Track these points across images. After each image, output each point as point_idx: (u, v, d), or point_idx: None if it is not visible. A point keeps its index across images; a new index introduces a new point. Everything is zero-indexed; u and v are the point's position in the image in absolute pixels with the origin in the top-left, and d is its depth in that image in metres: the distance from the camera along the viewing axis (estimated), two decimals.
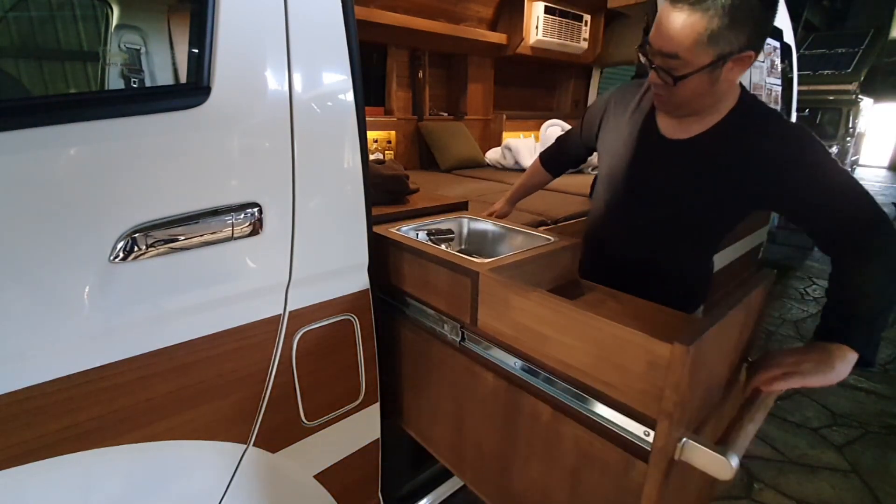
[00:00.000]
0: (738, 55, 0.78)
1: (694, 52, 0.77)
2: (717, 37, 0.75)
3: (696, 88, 0.82)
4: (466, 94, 3.15)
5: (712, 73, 0.79)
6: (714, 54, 0.77)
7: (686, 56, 0.77)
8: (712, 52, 0.76)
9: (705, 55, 0.77)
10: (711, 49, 0.76)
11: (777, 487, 1.71)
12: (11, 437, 0.60)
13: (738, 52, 0.77)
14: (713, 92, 0.84)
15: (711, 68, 0.78)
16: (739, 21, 0.74)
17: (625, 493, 0.68)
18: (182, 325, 0.72)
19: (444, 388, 0.99)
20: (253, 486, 0.86)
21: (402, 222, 1.17)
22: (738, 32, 0.75)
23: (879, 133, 12.42)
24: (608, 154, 1.10)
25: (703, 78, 0.80)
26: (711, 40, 0.75)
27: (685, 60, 0.78)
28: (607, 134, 1.11)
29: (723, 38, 0.75)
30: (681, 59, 0.78)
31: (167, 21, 1.28)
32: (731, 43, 0.76)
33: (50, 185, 0.58)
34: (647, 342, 0.60)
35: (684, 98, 0.85)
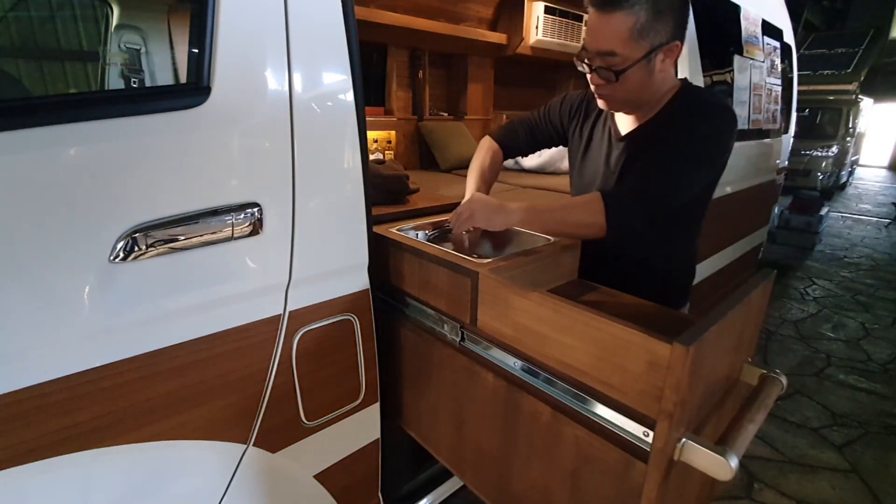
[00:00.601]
0: (667, 45, 0.87)
1: (628, 46, 0.85)
2: (646, 29, 0.84)
3: (637, 81, 0.90)
4: (466, 94, 3.14)
5: (648, 65, 0.88)
6: (646, 46, 0.86)
7: (622, 51, 0.86)
8: (644, 45, 0.86)
9: (638, 48, 0.86)
10: (643, 42, 0.85)
11: (777, 487, 1.70)
12: (11, 437, 0.60)
13: (667, 43, 0.87)
14: (651, 83, 0.92)
15: (646, 60, 0.87)
16: (663, 13, 0.84)
17: (624, 494, 0.68)
18: (182, 325, 0.72)
19: (444, 389, 0.99)
20: (253, 486, 0.86)
21: (402, 222, 1.17)
22: (663, 24, 0.85)
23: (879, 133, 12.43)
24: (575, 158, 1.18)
25: (640, 70, 0.88)
26: (641, 34, 0.84)
27: (622, 56, 0.86)
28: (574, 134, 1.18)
29: (651, 30, 0.84)
30: (618, 56, 0.86)
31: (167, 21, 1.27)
32: (658, 34, 0.85)
33: (50, 185, 0.58)
34: (647, 342, 0.60)
35: (627, 92, 0.92)
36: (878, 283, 3.90)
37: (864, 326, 3.07)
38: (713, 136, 0.91)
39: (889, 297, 3.61)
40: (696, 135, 0.90)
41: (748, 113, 2.13)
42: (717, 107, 0.93)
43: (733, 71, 1.98)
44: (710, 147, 0.91)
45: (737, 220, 2.39)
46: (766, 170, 2.56)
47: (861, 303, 3.47)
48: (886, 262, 4.51)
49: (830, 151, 7.37)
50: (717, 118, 0.91)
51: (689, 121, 0.91)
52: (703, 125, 0.90)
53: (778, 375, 0.78)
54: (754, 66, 2.14)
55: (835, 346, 2.79)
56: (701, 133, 0.90)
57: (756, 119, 2.22)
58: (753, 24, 2.15)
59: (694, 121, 0.91)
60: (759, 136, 2.32)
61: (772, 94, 2.40)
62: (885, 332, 2.99)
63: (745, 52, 2.05)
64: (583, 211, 0.93)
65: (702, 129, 0.90)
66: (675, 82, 0.98)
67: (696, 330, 0.57)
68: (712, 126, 0.90)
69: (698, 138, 0.89)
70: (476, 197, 1.00)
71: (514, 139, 1.29)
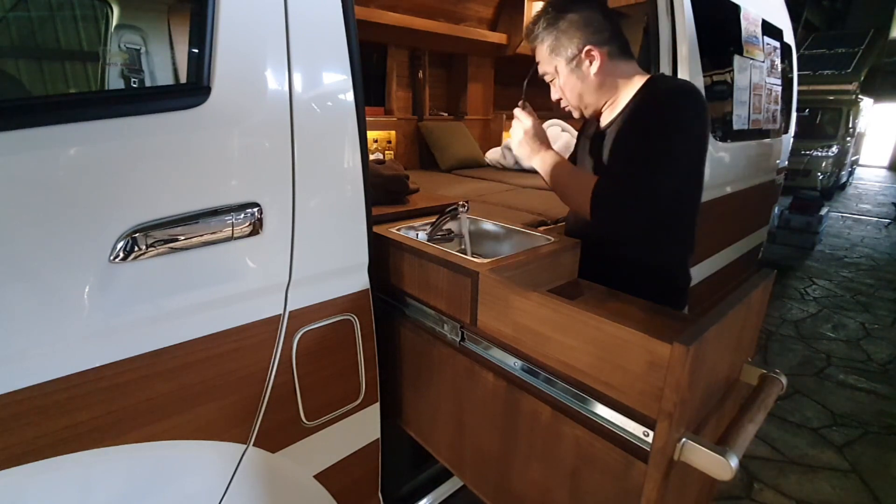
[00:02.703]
0: (581, 52, 1.01)
1: (551, 63, 1.05)
2: (556, 48, 1.03)
3: (574, 87, 1.06)
4: (466, 94, 3.14)
5: (578, 72, 1.04)
6: (564, 59, 1.03)
7: (549, 69, 1.07)
8: (561, 59, 1.04)
9: (559, 62, 1.04)
10: (559, 57, 1.04)
11: (777, 487, 1.70)
12: (11, 437, 0.60)
13: (580, 51, 1.01)
14: (591, 84, 1.04)
15: (571, 69, 1.04)
16: (562, 32, 1.01)
17: (625, 494, 0.68)
18: (182, 325, 0.72)
19: (443, 388, 0.99)
20: (253, 486, 0.86)
21: (402, 222, 1.17)
22: (567, 39, 1.01)
23: (879, 133, 12.43)
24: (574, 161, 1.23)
25: (571, 78, 1.05)
26: (554, 52, 1.04)
27: (551, 72, 1.07)
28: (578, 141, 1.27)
29: (559, 47, 1.03)
30: (549, 73, 1.08)
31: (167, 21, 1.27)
32: (567, 48, 1.02)
33: (50, 185, 0.58)
34: (647, 342, 0.60)
35: (574, 97, 1.08)
36: (878, 283, 3.90)
37: (864, 326, 3.07)
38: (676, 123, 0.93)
39: (889, 297, 3.61)
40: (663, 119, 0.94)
41: (748, 113, 2.13)
42: (681, 90, 0.98)
43: (733, 71, 1.98)
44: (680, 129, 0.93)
45: (737, 220, 2.39)
46: (766, 170, 2.56)
47: (861, 303, 3.47)
48: (886, 262, 4.51)
49: (830, 151, 7.37)
50: (681, 100, 0.95)
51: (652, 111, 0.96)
52: (667, 109, 0.95)
53: (778, 375, 0.78)
54: (754, 66, 2.14)
55: (835, 346, 2.79)
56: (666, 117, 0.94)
57: (756, 119, 2.21)
58: (753, 24, 2.14)
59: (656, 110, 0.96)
60: (759, 136, 2.32)
61: (772, 94, 2.40)
62: (885, 332, 2.99)
63: (745, 52, 2.05)
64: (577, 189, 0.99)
65: (666, 113, 0.94)
66: (634, 71, 1.05)
67: (696, 330, 0.57)
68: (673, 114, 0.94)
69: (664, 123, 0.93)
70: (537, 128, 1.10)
71: None
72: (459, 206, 1.13)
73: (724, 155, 1.98)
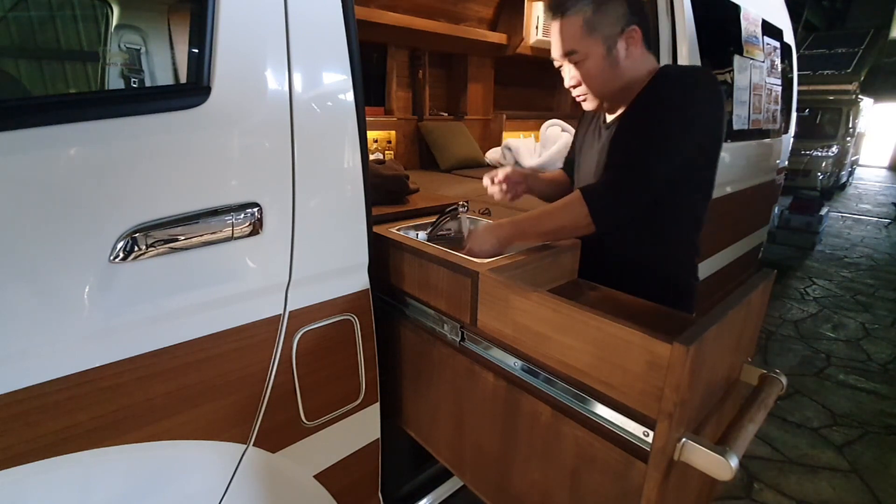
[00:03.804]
0: (623, 33, 0.91)
1: (584, 41, 0.91)
2: (595, 22, 0.90)
3: (603, 73, 0.94)
4: (466, 94, 3.14)
5: (610, 55, 0.92)
6: (601, 38, 0.91)
7: (580, 47, 0.92)
8: (599, 37, 0.91)
9: (595, 41, 0.91)
10: (597, 34, 0.90)
11: (777, 487, 1.70)
12: (11, 437, 0.60)
13: (622, 30, 0.91)
14: (620, 72, 0.94)
15: (606, 51, 0.92)
16: (607, 5, 0.89)
17: (625, 494, 0.68)
18: (182, 325, 0.72)
19: (443, 388, 0.99)
20: (253, 486, 0.86)
21: (402, 222, 1.17)
22: (610, 14, 0.90)
23: (879, 133, 12.42)
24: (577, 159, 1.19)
25: (603, 62, 0.93)
26: (592, 27, 0.90)
27: (582, 51, 0.92)
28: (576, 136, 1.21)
29: (600, 22, 0.90)
30: (578, 52, 0.93)
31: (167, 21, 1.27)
32: (609, 24, 0.90)
33: (50, 185, 0.58)
34: (647, 342, 0.60)
35: (599, 86, 0.96)
36: (878, 283, 3.90)
37: (864, 326, 3.07)
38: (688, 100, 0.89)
39: (889, 297, 3.61)
40: (667, 104, 0.89)
41: (748, 113, 2.13)
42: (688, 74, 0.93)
43: (733, 71, 1.98)
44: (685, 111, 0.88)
45: (737, 220, 2.39)
46: (766, 170, 2.56)
47: (861, 303, 3.47)
48: (886, 262, 4.51)
49: (830, 151, 7.36)
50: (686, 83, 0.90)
51: (661, 93, 0.91)
52: (673, 93, 0.90)
53: (778, 375, 0.78)
54: (754, 66, 2.14)
55: (835, 346, 2.79)
56: (672, 101, 0.89)
57: (756, 119, 2.21)
58: (753, 24, 2.14)
59: (665, 92, 0.90)
60: (759, 136, 2.32)
61: (772, 94, 2.40)
62: (885, 332, 2.99)
63: (745, 52, 2.05)
64: (566, 213, 0.93)
65: (673, 97, 0.89)
66: (652, 66, 0.98)
67: (696, 330, 0.57)
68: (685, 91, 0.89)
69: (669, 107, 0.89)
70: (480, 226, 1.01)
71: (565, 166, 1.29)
72: (459, 206, 1.13)
73: (725, 155, 1.98)
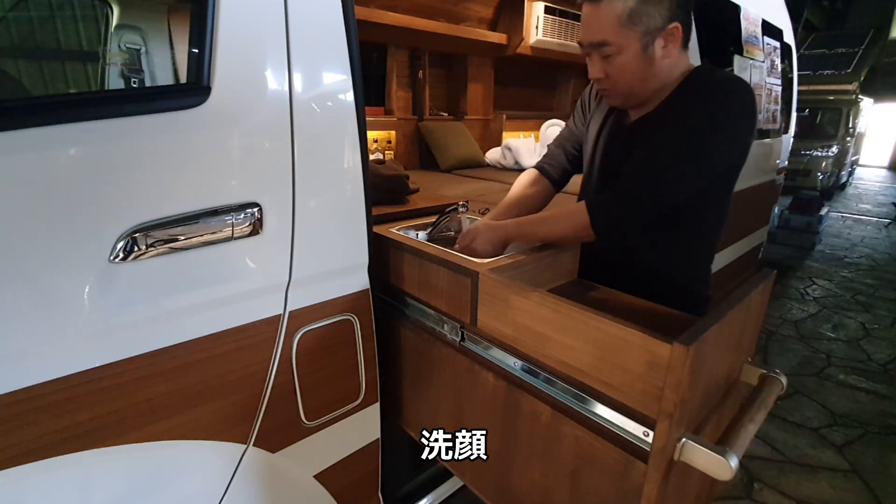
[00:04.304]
0: (664, 30, 0.81)
1: (620, 33, 0.80)
2: (637, 14, 0.79)
3: (636, 70, 0.84)
4: (466, 94, 3.14)
5: (645, 53, 0.82)
6: (640, 33, 0.80)
7: (614, 40, 0.81)
8: (637, 32, 0.80)
9: (632, 35, 0.81)
10: (635, 28, 0.80)
11: (777, 487, 1.70)
12: (11, 437, 0.60)
13: (664, 27, 0.81)
14: (654, 74, 0.86)
15: (643, 47, 0.82)
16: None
17: (625, 494, 0.68)
18: (182, 325, 0.72)
19: (443, 389, 0.99)
20: (253, 486, 0.86)
21: (402, 222, 1.17)
22: (655, 6, 0.79)
23: (879, 133, 12.42)
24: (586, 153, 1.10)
25: (637, 59, 0.83)
26: (632, 19, 0.79)
27: (616, 45, 0.82)
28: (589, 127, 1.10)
29: (643, 14, 0.79)
30: (611, 45, 0.82)
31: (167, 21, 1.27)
32: (652, 18, 0.80)
33: (50, 185, 0.58)
34: (647, 342, 0.60)
35: (627, 84, 0.87)
36: (878, 283, 3.90)
37: (864, 326, 3.07)
38: (717, 116, 0.80)
39: (889, 297, 3.61)
40: (696, 119, 0.81)
41: None
42: (725, 82, 0.83)
43: (733, 71, 1.98)
44: (714, 130, 0.81)
45: (737, 220, 2.39)
46: (766, 170, 2.56)
47: (861, 303, 3.47)
48: (886, 262, 4.51)
49: (830, 151, 7.37)
50: (723, 95, 0.81)
51: (691, 103, 0.83)
52: (706, 105, 0.81)
53: (778, 375, 0.78)
54: (754, 66, 2.14)
55: (835, 346, 2.79)
56: (701, 115, 0.81)
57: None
58: (753, 24, 2.14)
59: (696, 102, 0.82)
60: (759, 136, 2.32)
61: (772, 94, 2.40)
62: (885, 332, 2.99)
63: (745, 52, 2.05)
64: (567, 222, 0.91)
65: (704, 109, 0.81)
66: (687, 66, 0.89)
67: (696, 330, 0.57)
68: (716, 105, 0.81)
69: (698, 122, 0.81)
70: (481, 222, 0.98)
71: (548, 160, 1.20)
72: (459, 206, 1.13)
73: None
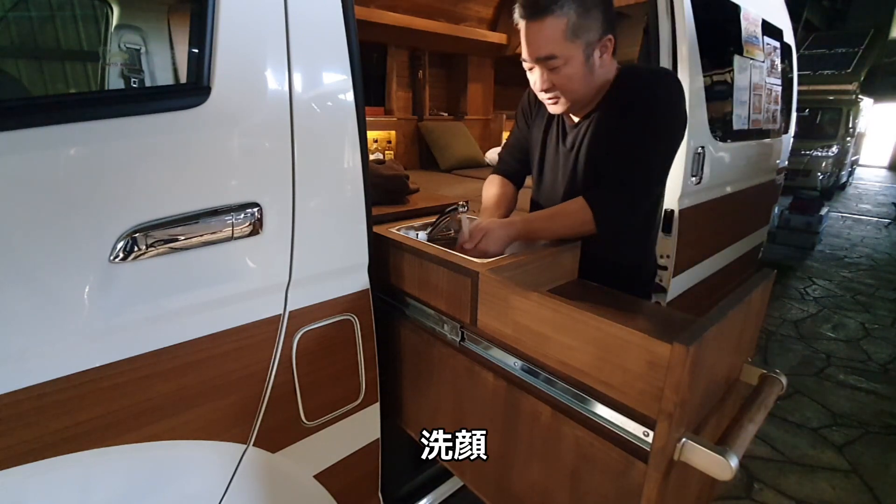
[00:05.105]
0: (601, 41, 0.91)
1: (565, 46, 0.89)
2: (578, 28, 0.88)
3: (580, 80, 0.93)
4: (466, 94, 3.14)
5: (588, 63, 0.92)
6: (582, 45, 0.90)
7: (561, 52, 0.89)
8: (580, 44, 0.89)
9: (576, 48, 0.89)
10: (578, 41, 0.89)
11: (777, 487, 1.70)
12: (11, 437, 0.60)
13: (601, 38, 0.91)
14: (594, 80, 0.96)
15: (585, 58, 0.91)
16: (591, 11, 0.88)
17: (625, 494, 0.68)
18: (182, 325, 0.72)
19: (443, 389, 0.99)
20: (253, 486, 0.86)
21: (402, 222, 1.17)
22: (592, 21, 0.89)
23: (879, 133, 12.42)
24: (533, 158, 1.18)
25: (581, 69, 0.92)
26: (575, 33, 0.88)
27: (562, 57, 0.90)
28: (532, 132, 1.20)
29: (583, 28, 0.88)
30: (558, 58, 0.90)
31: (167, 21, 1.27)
32: (591, 31, 0.89)
33: (50, 185, 0.58)
34: (647, 342, 0.60)
35: (573, 91, 0.95)
36: (878, 283, 3.90)
37: (864, 326, 3.07)
38: (662, 104, 0.92)
39: (889, 297, 3.61)
40: (647, 111, 0.92)
41: (748, 113, 2.13)
42: (655, 76, 0.97)
43: (733, 71, 1.98)
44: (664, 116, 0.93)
45: (737, 220, 2.39)
46: (766, 170, 2.56)
47: (861, 303, 3.47)
48: (886, 262, 4.51)
49: (830, 151, 7.36)
50: (659, 87, 0.93)
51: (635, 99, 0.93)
52: (648, 99, 0.92)
53: (778, 375, 0.78)
54: (754, 66, 2.14)
55: (835, 346, 2.79)
56: (650, 107, 0.92)
57: (756, 119, 2.21)
58: (753, 24, 2.14)
59: (640, 97, 0.93)
60: (759, 136, 2.32)
61: (772, 94, 2.40)
62: (885, 332, 2.99)
63: (745, 52, 2.05)
64: (571, 219, 0.96)
65: (649, 103, 0.92)
66: (615, 70, 1.00)
67: (696, 330, 0.57)
68: (658, 95, 0.92)
69: (650, 113, 0.92)
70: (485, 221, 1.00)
71: (505, 166, 1.29)
72: (459, 206, 1.13)
73: (724, 155, 1.98)
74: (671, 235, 1.68)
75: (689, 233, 1.76)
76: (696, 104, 1.69)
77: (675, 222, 1.67)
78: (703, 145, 1.75)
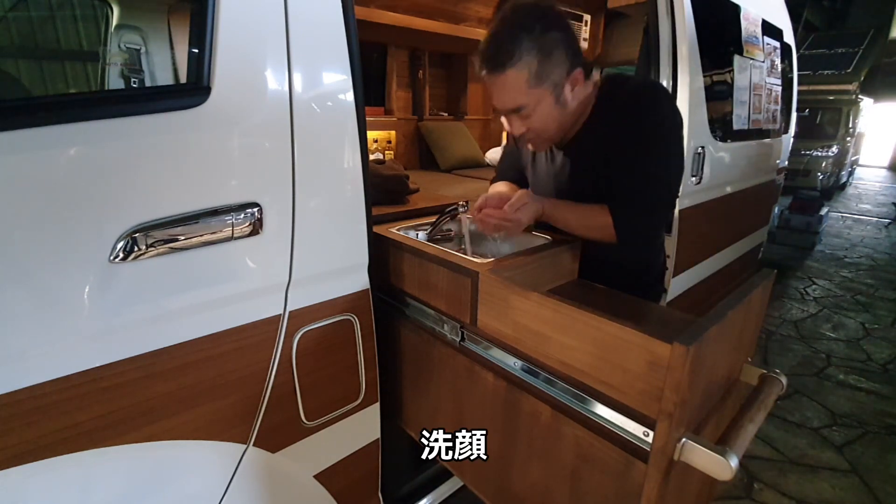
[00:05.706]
0: (569, 77, 0.88)
1: (531, 94, 0.87)
2: (541, 74, 0.85)
3: (554, 119, 0.92)
4: (466, 94, 3.14)
5: (559, 102, 0.90)
6: (549, 88, 0.87)
7: (527, 101, 0.88)
8: (546, 87, 0.87)
9: (542, 92, 0.87)
10: (543, 85, 0.86)
11: (777, 487, 1.70)
12: (11, 437, 0.60)
13: (568, 75, 0.88)
14: (570, 113, 0.94)
15: (555, 99, 0.89)
16: (551, 54, 0.84)
17: (625, 494, 0.68)
18: (182, 325, 0.72)
19: (444, 388, 0.99)
20: (253, 486, 0.86)
21: (402, 222, 1.17)
22: (554, 63, 0.85)
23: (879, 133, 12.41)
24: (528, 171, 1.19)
25: (553, 109, 0.90)
26: (538, 79, 0.85)
27: (530, 104, 0.88)
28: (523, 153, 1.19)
29: (545, 72, 0.85)
30: (526, 106, 0.88)
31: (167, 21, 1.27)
32: (554, 72, 0.86)
33: (50, 185, 0.58)
34: (647, 342, 0.60)
35: (549, 130, 0.94)
36: (878, 283, 3.89)
37: (864, 326, 3.07)
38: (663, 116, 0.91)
39: (889, 297, 3.61)
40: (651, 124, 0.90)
41: (748, 113, 2.13)
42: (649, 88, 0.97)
43: (733, 71, 1.98)
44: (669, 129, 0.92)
45: (737, 220, 2.39)
46: (766, 170, 2.56)
47: (861, 303, 3.47)
48: (886, 262, 4.51)
49: (830, 151, 7.36)
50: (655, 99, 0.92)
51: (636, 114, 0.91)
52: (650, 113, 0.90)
53: (778, 375, 0.78)
54: (754, 66, 2.14)
55: (835, 346, 2.79)
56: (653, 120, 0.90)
57: (756, 119, 2.21)
58: (753, 24, 2.14)
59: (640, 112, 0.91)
60: (759, 136, 2.32)
61: (772, 94, 2.40)
62: (885, 332, 2.99)
63: (745, 52, 2.05)
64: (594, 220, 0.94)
65: (651, 116, 0.90)
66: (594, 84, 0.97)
67: (696, 330, 0.57)
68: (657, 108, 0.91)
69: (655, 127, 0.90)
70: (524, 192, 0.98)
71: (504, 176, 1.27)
72: (459, 206, 1.13)
73: (724, 155, 1.98)
74: (671, 235, 1.68)
75: (689, 233, 1.76)
76: (696, 104, 1.69)
77: (675, 222, 1.67)
78: (702, 145, 1.75)
